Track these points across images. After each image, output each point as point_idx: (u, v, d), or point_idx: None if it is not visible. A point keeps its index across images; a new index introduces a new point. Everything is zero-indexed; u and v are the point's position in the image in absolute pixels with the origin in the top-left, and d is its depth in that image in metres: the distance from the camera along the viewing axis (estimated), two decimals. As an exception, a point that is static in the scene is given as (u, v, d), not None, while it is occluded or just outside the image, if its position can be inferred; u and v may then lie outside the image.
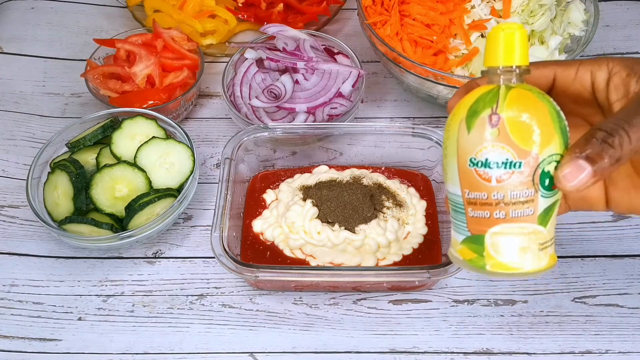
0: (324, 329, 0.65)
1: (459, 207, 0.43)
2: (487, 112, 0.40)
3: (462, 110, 0.42)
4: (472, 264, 0.42)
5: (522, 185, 0.40)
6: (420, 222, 0.69)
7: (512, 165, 0.40)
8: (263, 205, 0.72)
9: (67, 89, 0.89)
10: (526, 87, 0.41)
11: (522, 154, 0.39)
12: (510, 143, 0.39)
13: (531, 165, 0.39)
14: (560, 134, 0.40)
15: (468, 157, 0.41)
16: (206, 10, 0.92)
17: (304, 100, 0.78)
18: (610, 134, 0.38)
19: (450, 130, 0.42)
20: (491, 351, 0.63)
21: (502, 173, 0.40)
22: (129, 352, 0.64)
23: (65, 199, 0.69)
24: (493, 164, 0.40)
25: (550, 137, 0.40)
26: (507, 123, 0.39)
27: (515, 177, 0.40)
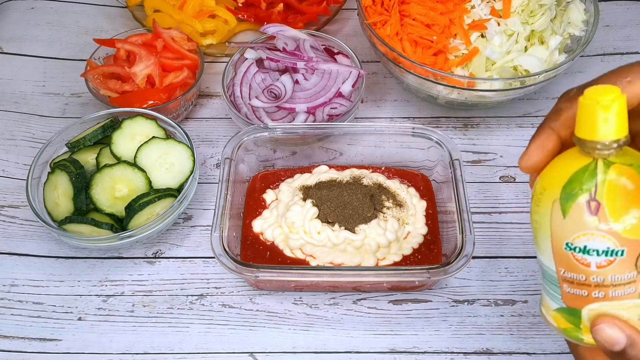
0: (324, 329, 0.65)
1: (553, 280, 0.40)
2: (584, 197, 0.36)
3: (554, 187, 0.38)
4: (568, 333, 0.40)
5: (624, 270, 0.37)
6: (420, 222, 0.69)
7: (614, 254, 0.37)
8: (263, 205, 0.72)
9: (67, 89, 0.89)
10: (627, 160, 0.37)
11: (625, 242, 0.36)
12: (612, 232, 0.36)
13: (635, 252, 0.37)
14: None
15: (564, 241, 0.38)
16: (206, 10, 0.92)
17: (304, 100, 0.78)
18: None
19: (542, 206, 0.38)
20: (491, 351, 0.63)
21: (603, 260, 0.37)
22: (129, 352, 0.64)
23: (65, 199, 0.69)
24: (593, 251, 0.37)
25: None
26: (608, 211, 0.36)
27: (617, 263, 0.37)
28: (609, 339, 0.37)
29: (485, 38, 0.78)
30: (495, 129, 0.82)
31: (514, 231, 0.72)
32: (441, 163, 0.71)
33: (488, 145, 0.80)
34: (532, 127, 0.82)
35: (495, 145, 0.80)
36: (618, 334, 0.37)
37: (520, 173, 0.77)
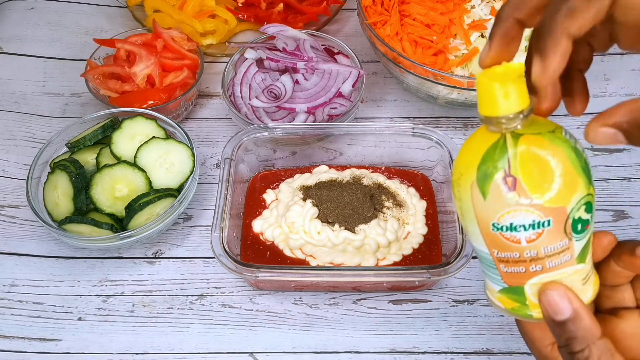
0: (324, 329, 0.65)
1: (490, 262, 0.39)
2: (500, 174, 0.36)
3: (470, 170, 0.37)
4: (516, 312, 0.40)
5: (555, 239, 0.37)
6: (420, 222, 0.69)
7: (540, 225, 0.36)
8: (263, 205, 0.72)
9: (67, 89, 0.89)
10: (535, 129, 0.37)
11: (549, 212, 0.36)
12: (534, 205, 0.36)
13: (560, 220, 0.37)
14: (583, 174, 0.37)
15: (490, 222, 0.37)
16: (206, 10, 0.92)
17: (304, 100, 0.78)
18: None
19: (462, 191, 0.38)
20: (491, 351, 0.63)
21: (531, 234, 0.36)
22: (129, 352, 0.64)
23: (65, 199, 0.69)
24: (520, 227, 0.36)
25: (574, 183, 0.36)
26: (525, 185, 0.35)
27: (546, 234, 0.36)
28: (555, 306, 0.37)
29: (485, 38, 0.78)
30: (495, 129, 0.82)
31: (514, 231, 0.72)
32: (441, 163, 0.71)
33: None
34: (532, 127, 0.82)
35: (495, 145, 0.80)
36: (565, 304, 0.37)
37: (520, 173, 0.77)
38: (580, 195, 0.37)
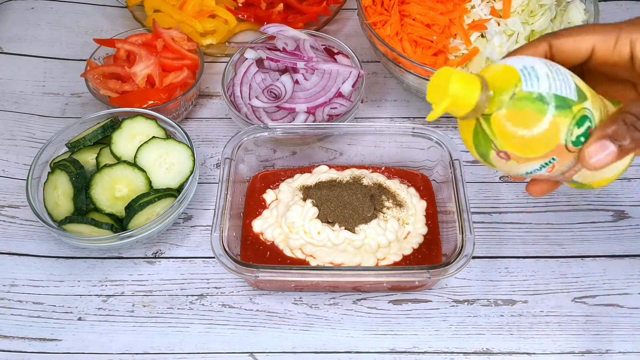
0: (324, 329, 0.65)
1: None
2: (493, 153, 0.41)
3: (474, 154, 0.43)
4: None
5: (565, 161, 0.41)
6: (420, 222, 0.69)
7: (548, 164, 0.41)
8: (263, 205, 0.72)
9: (67, 89, 0.89)
10: (498, 102, 0.39)
11: (549, 155, 0.40)
12: (534, 160, 0.40)
13: (561, 149, 0.40)
14: (562, 106, 0.39)
15: (507, 173, 0.44)
16: (206, 10, 0.92)
17: (304, 100, 0.78)
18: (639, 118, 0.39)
19: (479, 160, 0.44)
20: (491, 351, 0.63)
21: (544, 172, 0.42)
22: (129, 352, 0.64)
23: (65, 199, 0.69)
24: (531, 172, 0.42)
25: (555, 125, 0.39)
26: (517, 152, 0.40)
27: (557, 164, 0.41)
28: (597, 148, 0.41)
29: (485, 38, 0.78)
30: (495, 129, 0.82)
31: (514, 231, 0.72)
32: (441, 163, 0.71)
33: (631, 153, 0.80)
34: (532, 127, 0.82)
35: (495, 145, 0.80)
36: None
37: (520, 173, 0.77)
38: (566, 125, 0.40)
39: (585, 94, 0.41)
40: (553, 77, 0.40)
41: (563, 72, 0.41)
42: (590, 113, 0.41)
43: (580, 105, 0.40)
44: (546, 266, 0.69)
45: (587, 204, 0.74)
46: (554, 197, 0.75)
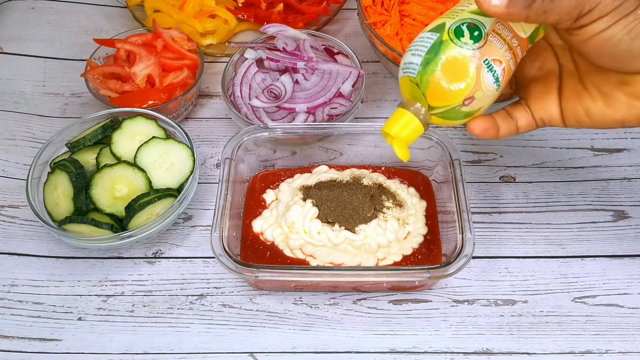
0: (324, 329, 0.65)
1: None
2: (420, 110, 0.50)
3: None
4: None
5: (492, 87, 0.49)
6: (420, 222, 0.69)
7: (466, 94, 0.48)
8: (263, 205, 0.72)
9: (67, 89, 0.89)
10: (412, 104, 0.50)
11: (469, 92, 0.48)
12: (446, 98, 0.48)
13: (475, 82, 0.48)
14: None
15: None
16: (206, 10, 0.92)
17: (304, 100, 0.78)
18: None
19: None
20: (491, 351, 0.63)
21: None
22: (129, 352, 0.64)
23: (65, 199, 0.69)
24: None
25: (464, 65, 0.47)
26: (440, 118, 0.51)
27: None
28: None
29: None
30: (495, 129, 0.82)
31: (514, 231, 0.72)
32: (441, 163, 0.71)
33: (488, 145, 0.80)
34: (532, 127, 0.82)
35: (495, 145, 0.80)
36: None
37: (520, 173, 0.77)
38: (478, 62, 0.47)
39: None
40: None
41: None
42: (475, 27, 0.47)
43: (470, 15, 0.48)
44: (546, 266, 0.69)
45: (587, 204, 0.74)
46: (554, 197, 0.75)
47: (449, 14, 0.49)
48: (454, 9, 0.49)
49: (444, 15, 0.49)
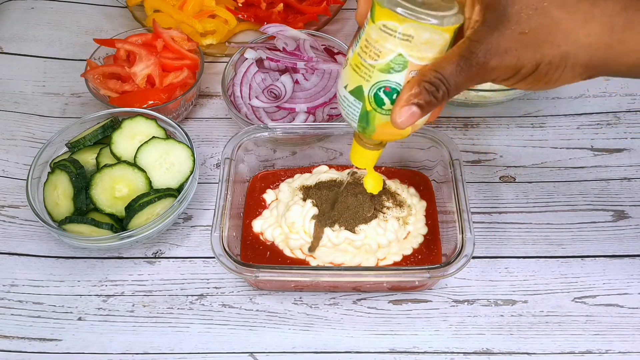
0: (324, 329, 0.65)
1: None
2: None
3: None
4: None
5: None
6: (420, 222, 0.69)
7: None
8: (263, 205, 0.72)
9: (67, 89, 0.89)
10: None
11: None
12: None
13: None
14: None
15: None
16: (206, 10, 0.92)
17: (304, 100, 0.78)
18: (436, 88, 0.44)
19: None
20: (491, 351, 0.63)
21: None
22: (129, 352, 0.64)
23: (65, 199, 0.69)
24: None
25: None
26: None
27: None
28: None
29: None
30: (495, 128, 0.82)
31: (514, 231, 0.72)
32: (441, 163, 0.71)
33: (488, 145, 0.80)
34: (532, 127, 0.82)
35: (495, 145, 0.80)
36: None
37: (520, 173, 0.77)
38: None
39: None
40: None
41: None
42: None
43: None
44: (546, 266, 0.69)
45: (587, 204, 0.74)
46: (554, 197, 0.75)
47: (360, 68, 0.48)
48: (361, 60, 0.47)
49: (352, 66, 0.48)
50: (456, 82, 0.45)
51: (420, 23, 0.44)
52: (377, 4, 0.45)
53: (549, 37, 0.43)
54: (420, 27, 0.44)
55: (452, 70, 0.44)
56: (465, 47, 0.44)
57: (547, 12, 0.43)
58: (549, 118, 0.82)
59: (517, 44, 0.43)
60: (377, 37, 0.46)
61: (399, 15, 0.44)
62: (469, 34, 0.45)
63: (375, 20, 0.45)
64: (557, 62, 0.44)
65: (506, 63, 0.44)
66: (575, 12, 0.43)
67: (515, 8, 0.43)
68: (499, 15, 0.43)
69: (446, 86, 0.45)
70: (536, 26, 0.43)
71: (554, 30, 0.43)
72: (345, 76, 0.49)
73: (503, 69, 0.44)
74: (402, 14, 0.44)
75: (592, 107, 0.84)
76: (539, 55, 0.44)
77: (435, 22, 0.44)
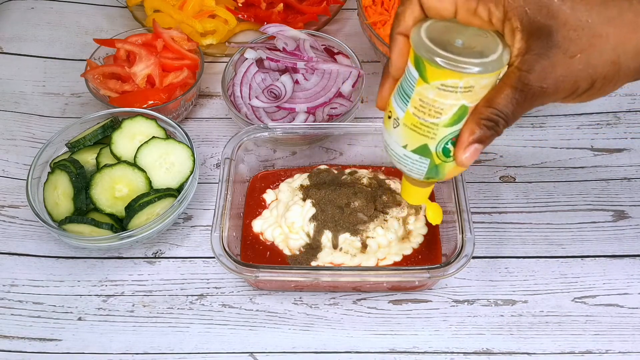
0: (324, 329, 0.65)
1: None
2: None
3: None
4: None
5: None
6: (420, 222, 0.69)
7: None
8: (263, 205, 0.72)
9: (67, 89, 0.89)
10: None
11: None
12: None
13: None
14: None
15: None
16: (206, 10, 0.92)
17: (304, 100, 0.78)
18: (495, 123, 0.46)
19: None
20: (491, 351, 0.63)
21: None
22: (129, 352, 0.64)
23: (65, 199, 0.69)
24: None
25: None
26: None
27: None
28: None
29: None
30: (495, 129, 0.82)
31: (514, 231, 0.72)
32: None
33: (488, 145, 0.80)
34: (532, 127, 0.82)
35: (495, 145, 0.80)
36: None
37: (520, 173, 0.77)
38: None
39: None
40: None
41: None
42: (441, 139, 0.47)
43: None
44: (546, 266, 0.69)
45: (587, 204, 0.74)
46: (554, 197, 0.75)
47: (423, 129, 0.47)
48: (419, 120, 0.46)
49: (409, 126, 0.47)
50: (513, 113, 0.45)
51: (480, 75, 0.43)
52: (429, 64, 0.43)
53: (600, 55, 0.43)
54: (479, 77, 0.43)
55: (507, 103, 0.44)
56: (516, 78, 0.44)
57: (593, 30, 0.42)
58: (549, 118, 0.82)
59: (570, 68, 0.43)
60: (435, 97, 0.44)
61: (457, 73, 0.43)
62: (517, 64, 0.44)
63: (430, 81, 0.44)
64: (611, 76, 0.44)
65: (562, 87, 0.44)
66: (621, 24, 0.43)
67: (561, 33, 0.42)
68: (545, 42, 0.43)
69: (504, 119, 0.45)
70: (585, 47, 0.43)
71: (603, 47, 0.43)
72: (400, 137, 0.48)
73: (559, 93, 0.44)
74: (461, 70, 0.42)
75: (592, 107, 0.84)
76: (593, 73, 0.43)
77: (494, 67, 0.43)
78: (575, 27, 0.42)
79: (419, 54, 0.44)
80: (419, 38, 0.44)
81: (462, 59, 0.42)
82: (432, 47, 0.43)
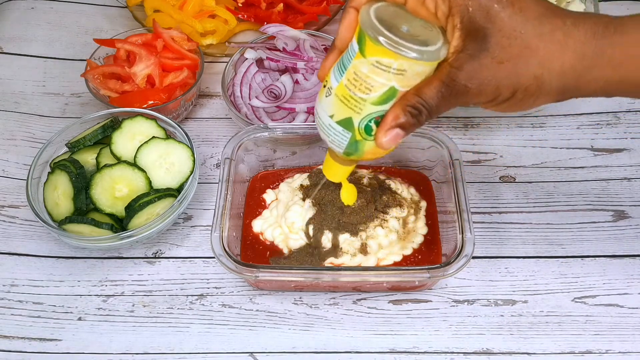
0: (324, 329, 0.65)
1: None
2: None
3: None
4: None
5: None
6: (420, 222, 0.69)
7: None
8: (263, 205, 0.72)
9: (67, 89, 0.89)
10: None
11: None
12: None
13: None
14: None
15: None
16: (206, 10, 0.92)
17: (304, 100, 0.78)
18: (419, 112, 0.47)
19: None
20: (491, 351, 0.63)
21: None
22: (129, 352, 0.64)
23: (65, 199, 0.69)
24: None
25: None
26: None
27: None
28: None
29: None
30: (495, 129, 0.82)
31: (514, 231, 0.72)
32: (441, 163, 0.71)
33: (488, 145, 0.80)
34: (532, 127, 0.82)
35: (495, 145, 0.80)
36: None
37: (520, 173, 0.77)
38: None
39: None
40: None
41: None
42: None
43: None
44: (546, 266, 0.69)
45: (587, 204, 0.74)
46: (554, 197, 0.75)
47: (349, 100, 0.48)
48: (350, 93, 0.48)
49: (339, 97, 0.48)
50: (437, 105, 0.47)
51: (415, 61, 0.45)
52: (370, 40, 0.45)
53: (526, 67, 0.45)
54: (414, 62, 0.45)
55: (434, 95, 0.46)
56: (446, 73, 0.46)
57: (524, 41, 0.45)
58: (549, 118, 0.82)
59: (495, 73, 0.45)
60: (368, 72, 0.46)
61: (394, 53, 0.44)
62: (450, 61, 0.46)
63: (367, 56, 0.46)
64: (533, 90, 0.46)
65: (485, 90, 0.46)
66: (551, 42, 0.45)
67: (495, 39, 0.45)
68: (479, 44, 0.45)
69: (428, 110, 0.47)
70: (513, 56, 0.45)
71: (530, 59, 0.45)
72: (330, 106, 0.50)
73: (482, 95, 0.47)
74: (398, 52, 0.44)
75: (592, 107, 0.84)
76: (516, 83, 0.46)
77: (430, 57, 0.45)
78: (509, 35, 0.45)
79: (362, 28, 0.45)
80: (367, 14, 0.46)
81: (401, 42, 0.44)
82: (377, 24, 0.45)
